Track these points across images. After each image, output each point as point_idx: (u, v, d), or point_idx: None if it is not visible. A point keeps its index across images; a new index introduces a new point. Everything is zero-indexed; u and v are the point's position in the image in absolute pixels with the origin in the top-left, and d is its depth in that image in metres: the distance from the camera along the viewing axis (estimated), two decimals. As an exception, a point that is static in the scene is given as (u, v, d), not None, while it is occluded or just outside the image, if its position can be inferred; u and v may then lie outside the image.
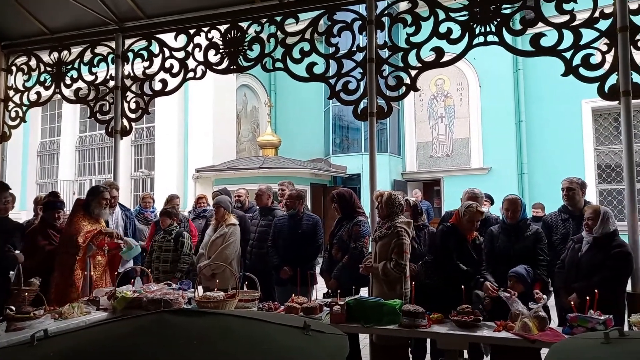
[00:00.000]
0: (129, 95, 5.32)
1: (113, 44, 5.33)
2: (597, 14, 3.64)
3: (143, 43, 5.24)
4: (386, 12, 4.42)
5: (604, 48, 3.64)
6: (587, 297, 2.81)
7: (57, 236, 4.06)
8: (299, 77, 4.53)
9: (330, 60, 4.55)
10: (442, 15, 4.08)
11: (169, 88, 5.06)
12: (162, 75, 5.03)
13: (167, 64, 5.02)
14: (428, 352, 4.11)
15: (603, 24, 3.63)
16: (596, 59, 3.65)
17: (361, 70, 4.35)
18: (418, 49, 4.18)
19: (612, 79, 3.58)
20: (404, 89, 4.27)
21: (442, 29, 4.06)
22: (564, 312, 3.43)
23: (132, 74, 5.28)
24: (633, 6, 3.56)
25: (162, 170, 12.78)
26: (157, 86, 5.16)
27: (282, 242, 4.64)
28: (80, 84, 5.43)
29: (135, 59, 5.26)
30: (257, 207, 5.30)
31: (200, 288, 3.66)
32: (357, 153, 12.97)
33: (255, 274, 3.80)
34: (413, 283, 3.38)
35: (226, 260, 4.46)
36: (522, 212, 3.97)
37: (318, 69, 4.51)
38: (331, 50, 4.46)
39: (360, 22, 4.36)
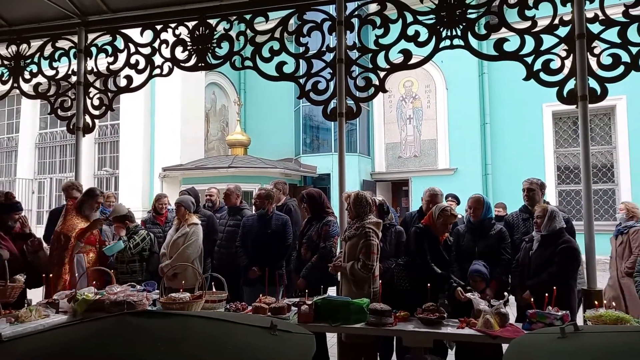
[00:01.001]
0: (92, 91, 5.15)
1: (75, 38, 5.15)
2: (556, 21, 3.78)
3: (107, 38, 5.08)
4: (356, 13, 4.46)
5: (563, 54, 3.79)
6: (546, 294, 2.92)
7: (6, 239, 3.89)
8: (268, 76, 4.50)
9: (300, 60, 4.55)
10: (410, 18, 4.14)
11: (134, 85, 4.93)
12: (127, 71, 4.90)
13: (132, 60, 4.90)
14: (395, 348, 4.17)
15: (562, 31, 3.78)
16: (556, 64, 3.80)
17: (331, 71, 4.37)
18: (387, 50, 4.23)
19: (570, 84, 3.73)
20: (372, 90, 4.32)
21: (410, 31, 4.13)
22: (522, 309, 3.57)
23: (95, 70, 5.12)
24: (590, 15, 3.71)
25: (127, 169, 12.44)
26: (122, 82, 5.01)
27: (251, 242, 4.60)
28: (40, 78, 5.22)
29: (99, 54, 5.10)
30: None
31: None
32: (327, 153, 13.00)
33: (223, 274, 3.76)
34: (380, 282, 3.42)
35: (188, 259, 4.44)
36: (486, 211, 4.09)
37: (288, 69, 4.51)
38: (301, 49, 4.46)
39: (330, 22, 4.38)
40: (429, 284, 3.29)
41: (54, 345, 1.03)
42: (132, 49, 4.92)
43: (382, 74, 4.30)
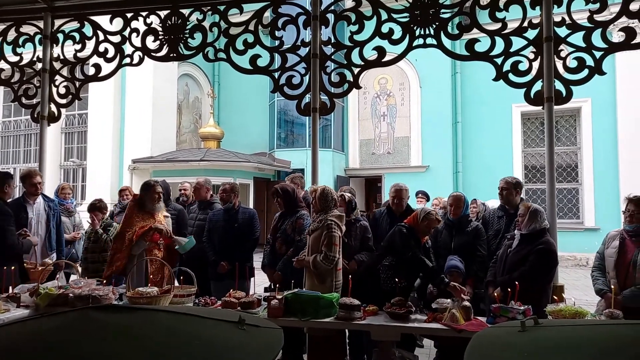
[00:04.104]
0: (58, 79, 4.98)
1: (41, 24, 4.96)
2: (525, 24, 3.88)
3: (75, 24, 4.91)
4: (331, 8, 4.45)
5: (531, 56, 3.89)
6: (509, 289, 3.01)
7: None
8: (242, 68, 4.46)
9: (275, 54, 4.52)
10: (384, 15, 4.17)
11: (102, 73, 4.79)
12: (96, 59, 4.75)
13: (101, 48, 4.75)
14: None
15: (531, 34, 3.88)
16: (524, 65, 3.89)
17: (305, 65, 4.36)
18: (361, 47, 4.25)
19: (538, 86, 3.84)
20: (346, 86, 4.34)
21: (385, 29, 4.15)
22: (491, 303, 3.66)
23: (62, 57, 4.95)
24: (557, 19, 3.82)
25: (95, 160, 12.11)
26: (90, 71, 4.86)
27: (218, 236, 4.58)
28: (3, 64, 5.01)
29: (66, 41, 4.93)
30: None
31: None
32: (301, 148, 12.99)
33: (193, 268, 3.72)
34: (350, 277, 3.45)
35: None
36: (465, 209, 4.19)
37: (262, 62, 4.47)
38: (276, 43, 4.43)
39: (305, 17, 4.36)
40: (397, 279, 3.34)
41: (10, 341, 1.00)
42: (101, 37, 4.78)
43: (356, 70, 4.32)
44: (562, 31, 3.81)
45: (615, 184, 10.90)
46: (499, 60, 3.91)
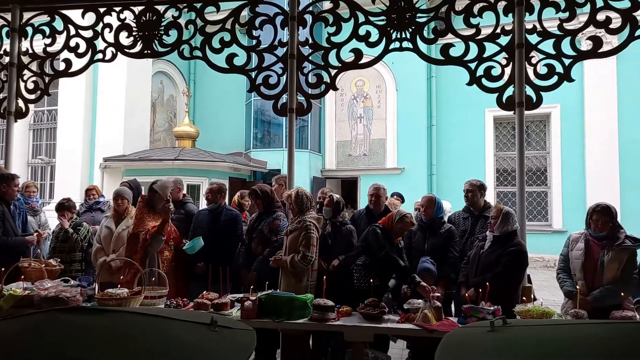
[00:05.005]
0: (27, 74, 4.82)
1: (9, 16, 4.79)
2: (498, 30, 3.96)
3: (45, 18, 4.76)
4: (309, 9, 4.46)
5: (504, 62, 3.98)
6: (480, 290, 3.07)
7: None
8: (218, 67, 4.41)
9: (252, 53, 4.49)
10: (361, 18, 4.20)
11: (73, 69, 4.66)
12: (66, 54, 4.62)
13: (72, 43, 4.62)
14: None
15: (504, 40, 3.97)
16: (497, 71, 3.98)
17: (282, 66, 4.35)
18: (338, 49, 4.27)
19: (509, 91, 3.93)
20: (323, 87, 4.35)
21: (362, 31, 4.18)
22: (462, 304, 3.73)
23: (30, 51, 4.80)
24: (529, 26, 3.93)
25: (65, 158, 11.76)
26: (60, 66, 4.73)
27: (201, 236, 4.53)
28: (-33, 57, 4.82)
29: (35, 34, 4.77)
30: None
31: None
32: (278, 149, 12.93)
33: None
34: (325, 278, 3.46)
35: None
36: (437, 210, 4.26)
37: (238, 61, 4.43)
38: (253, 42, 4.41)
39: (283, 17, 4.35)
40: (371, 279, 3.36)
41: (-30, 344, 0.96)
42: (72, 31, 4.65)
43: (333, 71, 4.34)
44: (534, 38, 3.91)
45: (582, 187, 11.27)
46: (472, 65, 3.99)
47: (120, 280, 3.66)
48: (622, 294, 3.13)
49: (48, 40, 4.70)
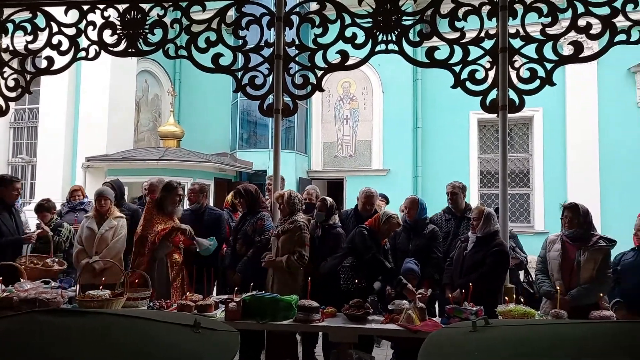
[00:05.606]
0: (7, 71, 4.71)
1: (-11, 12, 4.69)
2: (483, 34, 4.02)
3: (26, 14, 4.67)
4: (295, 10, 4.46)
5: (488, 65, 4.04)
6: (463, 290, 3.11)
7: None
8: (203, 67, 4.39)
9: (238, 53, 4.47)
10: (348, 19, 4.21)
11: (55, 67, 4.58)
12: (48, 52, 4.54)
13: (54, 41, 4.54)
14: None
15: (487, 44, 4.03)
16: (481, 74, 4.03)
17: (268, 66, 4.35)
18: (325, 50, 4.28)
19: (493, 94, 3.98)
20: (310, 88, 4.36)
21: (348, 33, 4.20)
22: (446, 304, 3.77)
23: (11, 48, 4.70)
24: (512, 30, 3.99)
25: (46, 157, 11.53)
26: (42, 64, 4.64)
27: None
28: (-56, 53, 4.70)
29: (16, 31, 4.68)
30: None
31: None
32: (264, 149, 12.88)
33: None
34: (310, 278, 3.46)
35: (118, 254, 4.27)
36: (420, 212, 4.29)
37: (224, 61, 4.41)
38: (239, 42, 4.39)
39: (269, 17, 4.35)
40: (356, 280, 3.38)
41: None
42: (55, 29, 4.57)
43: (319, 73, 4.34)
44: (517, 42, 3.97)
45: (563, 190, 11.46)
46: (457, 68, 4.03)
47: (102, 281, 3.62)
48: (601, 294, 3.21)
49: (30, 37, 4.61)
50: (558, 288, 3.32)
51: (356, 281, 3.51)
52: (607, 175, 11.10)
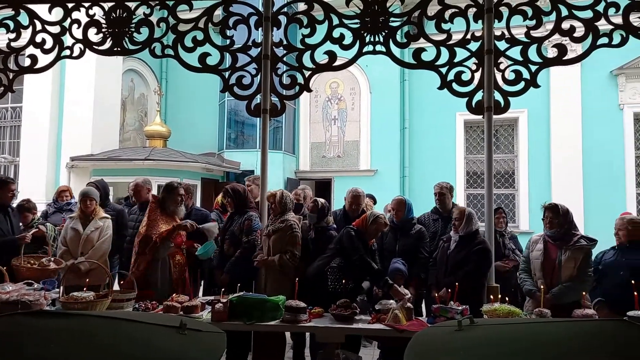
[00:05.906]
0: (-11, 69, 4.64)
1: (-30, 9, 4.61)
2: (469, 36, 4.05)
3: (9, 12, 4.59)
4: (283, 10, 4.45)
5: (474, 67, 4.08)
6: (449, 290, 3.14)
7: None
8: (190, 66, 4.36)
9: (225, 53, 4.45)
10: (335, 20, 4.22)
11: (39, 65, 4.51)
12: (32, 50, 4.47)
13: (38, 39, 4.47)
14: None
15: (473, 46, 4.06)
16: (467, 76, 4.07)
17: (256, 66, 4.33)
18: (312, 50, 4.28)
19: (478, 95, 4.02)
20: (297, 88, 4.35)
21: (336, 33, 4.20)
22: (432, 304, 3.81)
23: (-7, 46, 4.61)
24: (498, 32, 4.04)
25: (30, 156, 11.35)
26: (25, 62, 4.57)
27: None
28: None
29: (-2, 28, 4.60)
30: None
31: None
32: (252, 149, 12.83)
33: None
34: (297, 279, 3.46)
35: (104, 255, 4.24)
36: (407, 212, 4.33)
37: (211, 60, 4.38)
38: (227, 42, 4.37)
39: (257, 17, 4.33)
40: (344, 280, 3.39)
41: None
42: (39, 27, 4.49)
43: (307, 73, 4.34)
44: (502, 45, 4.02)
45: (547, 190, 11.62)
46: (443, 70, 4.07)
47: (86, 283, 3.57)
48: (583, 292, 3.26)
49: (12, 35, 4.54)
50: (542, 287, 3.38)
51: (343, 282, 3.52)
52: (590, 176, 11.29)
